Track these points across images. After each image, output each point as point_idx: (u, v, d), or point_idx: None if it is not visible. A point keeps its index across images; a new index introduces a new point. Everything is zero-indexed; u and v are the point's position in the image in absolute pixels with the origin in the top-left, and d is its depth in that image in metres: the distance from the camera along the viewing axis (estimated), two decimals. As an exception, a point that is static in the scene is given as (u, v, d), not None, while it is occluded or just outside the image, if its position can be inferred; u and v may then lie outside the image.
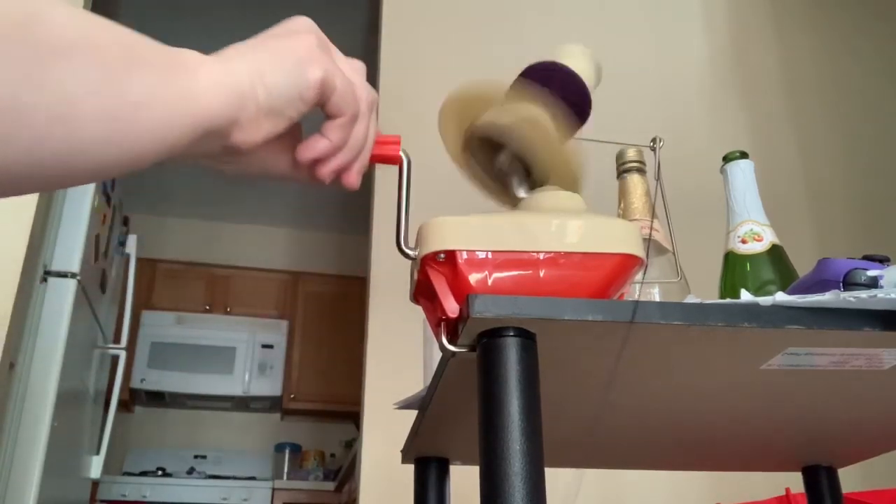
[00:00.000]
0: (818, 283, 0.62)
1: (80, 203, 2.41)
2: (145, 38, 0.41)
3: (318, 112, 0.50)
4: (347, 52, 0.51)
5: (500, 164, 0.67)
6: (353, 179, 0.54)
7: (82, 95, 0.35)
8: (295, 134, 0.52)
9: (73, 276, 2.31)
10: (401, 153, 0.60)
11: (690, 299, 0.64)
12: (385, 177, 2.09)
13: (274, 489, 4.02)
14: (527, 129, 0.64)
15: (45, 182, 0.37)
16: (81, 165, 0.37)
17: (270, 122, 0.46)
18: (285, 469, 4.37)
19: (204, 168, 0.51)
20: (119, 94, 0.37)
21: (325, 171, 0.51)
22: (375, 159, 0.57)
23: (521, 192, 0.67)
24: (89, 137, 0.36)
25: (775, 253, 0.85)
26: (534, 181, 0.67)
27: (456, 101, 0.68)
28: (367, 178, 2.27)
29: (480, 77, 0.70)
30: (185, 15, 3.37)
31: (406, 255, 0.61)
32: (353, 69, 0.52)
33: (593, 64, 0.71)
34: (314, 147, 0.50)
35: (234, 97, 0.43)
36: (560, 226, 0.59)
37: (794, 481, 1.09)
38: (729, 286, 0.85)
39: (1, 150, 0.33)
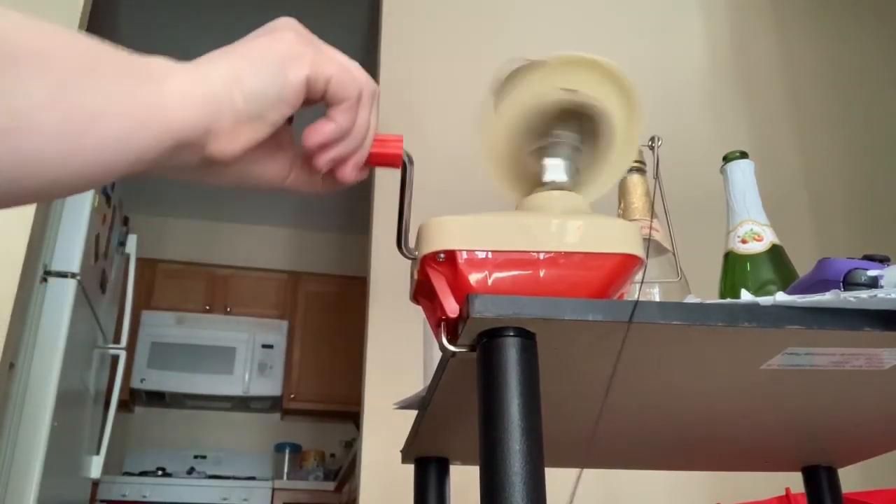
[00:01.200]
0: (818, 283, 0.62)
1: (80, 203, 2.41)
2: (109, 47, 0.39)
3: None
4: (347, 52, 0.50)
5: (555, 138, 0.65)
6: (348, 173, 0.51)
7: (29, 107, 0.34)
8: (283, 139, 0.50)
9: (73, 276, 2.31)
10: (403, 154, 0.56)
11: (690, 299, 0.64)
12: (385, 176, 2.09)
13: (274, 489, 4.02)
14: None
15: (4, 193, 0.35)
16: (32, 182, 0.35)
17: (251, 128, 0.44)
18: (285, 469, 4.36)
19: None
20: (72, 107, 0.35)
21: (326, 158, 0.48)
22: (375, 159, 0.54)
23: (557, 175, 0.65)
24: (38, 151, 0.34)
25: (775, 253, 0.85)
26: (584, 159, 0.67)
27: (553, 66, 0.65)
28: (368, 177, 2.26)
29: (480, 76, 0.70)
30: (185, 14, 3.36)
31: (407, 256, 0.61)
32: (348, 60, 0.49)
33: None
34: (321, 131, 0.47)
35: (208, 106, 0.41)
36: (560, 226, 0.59)
37: (794, 481, 1.09)
38: (729, 286, 0.85)
39: None
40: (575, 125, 0.66)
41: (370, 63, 3.06)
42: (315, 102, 0.47)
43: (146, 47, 0.40)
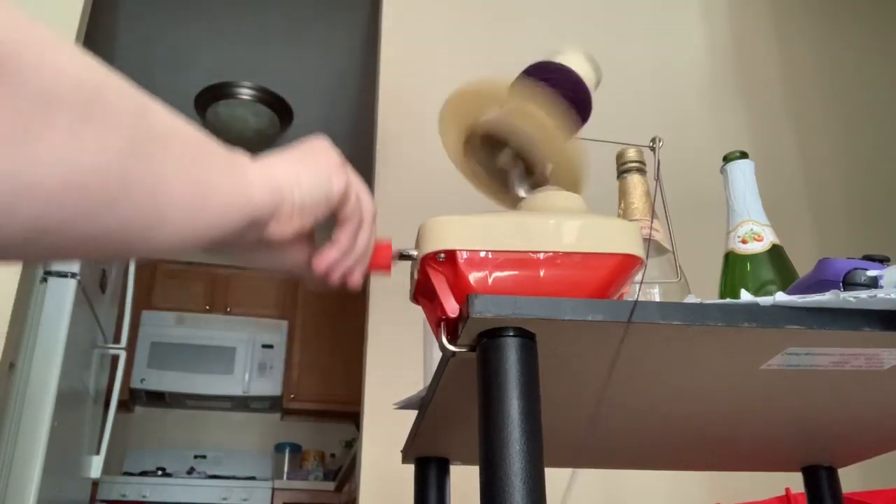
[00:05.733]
0: (818, 283, 0.62)
1: (80, 203, 2.40)
2: (209, 138, 0.47)
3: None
4: (347, 52, 0.51)
5: (501, 163, 0.67)
6: (355, 280, 0.61)
7: (172, 176, 0.41)
8: (309, 236, 0.60)
9: (73, 276, 2.31)
10: (392, 260, 0.63)
11: (690, 299, 0.64)
12: (385, 176, 2.09)
13: (274, 489, 4.02)
14: (530, 127, 0.64)
15: (126, 248, 0.41)
16: (156, 239, 0.42)
17: (301, 218, 0.53)
18: (285, 469, 4.37)
19: (230, 262, 0.55)
20: (197, 180, 0.43)
21: (335, 276, 0.59)
22: (370, 267, 0.62)
23: (522, 192, 0.67)
24: (171, 213, 0.41)
25: (775, 253, 0.85)
26: (535, 180, 0.67)
27: (458, 100, 0.69)
28: (367, 178, 2.27)
29: (481, 76, 0.70)
30: (185, 15, 3.36)
31: (407, 258, 0.62)
32: (362, 185, 0.60)
33: (592, 65, 0.71)
34: (327, 257, 0.58)
35: (275, 195, 0.51)
36: (560, 226, 0.59)
37: (794, 481, 1.09)
38: (729, 286, 0.85)
39: (104, 216, 0.37)
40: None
41: (370, 63, 3.06)
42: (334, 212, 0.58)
43: (146, 48, 0.41)
